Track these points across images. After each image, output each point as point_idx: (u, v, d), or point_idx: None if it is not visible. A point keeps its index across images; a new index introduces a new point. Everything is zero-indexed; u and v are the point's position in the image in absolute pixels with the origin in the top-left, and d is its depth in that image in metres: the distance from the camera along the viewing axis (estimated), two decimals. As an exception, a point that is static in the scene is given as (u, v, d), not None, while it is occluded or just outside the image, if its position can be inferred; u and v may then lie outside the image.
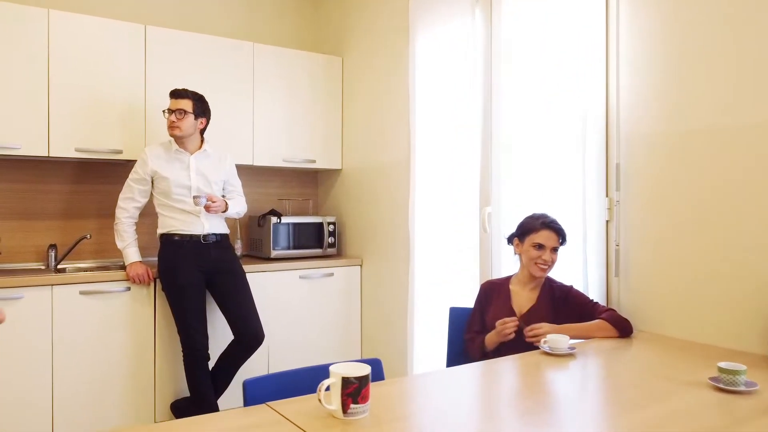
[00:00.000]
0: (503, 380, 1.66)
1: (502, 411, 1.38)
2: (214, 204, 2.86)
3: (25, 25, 2.88)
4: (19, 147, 2.88)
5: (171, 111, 2.89)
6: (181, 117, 2.88)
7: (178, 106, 2.89)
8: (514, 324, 2.06)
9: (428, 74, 3.07)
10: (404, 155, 3.29)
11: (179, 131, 2.89)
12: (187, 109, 2.89)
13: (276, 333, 3.36)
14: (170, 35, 3.28)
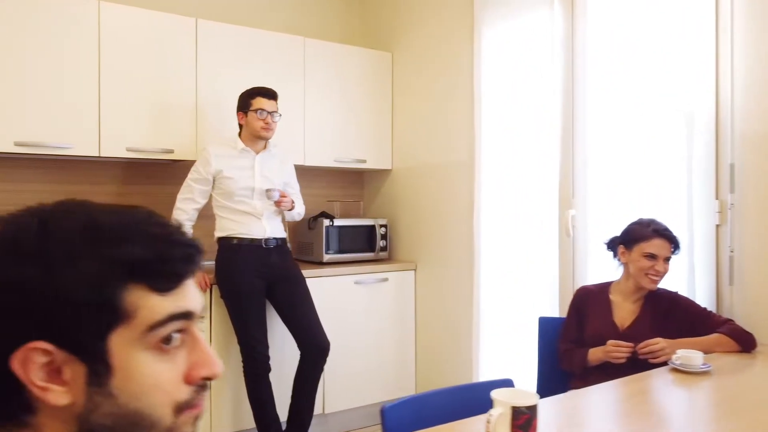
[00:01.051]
0: (650, 401, 1.51)
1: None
2: (285, 199, 2.73)
3: (75, 17, 2.73)
4: (71, 146, 2.73)
5: (267, 112, 2.74)
6: (275, 119, 2.76)
7: (274, 108, 2.76)
8: (628, 351, 1.91)
9: (497, 70, 2.92)
10: (466, 155, 3.14)
11: (272, 133, 2.76)
12: (279, 110, 2.77)
13: (333, 341, 3.20)
14: (221, 29, 3.13)
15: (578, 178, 2.53)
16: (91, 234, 0.57)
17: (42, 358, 0.54)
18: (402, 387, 3.48)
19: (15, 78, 2.59)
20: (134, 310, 0.56)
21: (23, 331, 0.53)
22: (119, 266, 0.56)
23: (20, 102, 2.60)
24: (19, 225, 0.57)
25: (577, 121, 2.53)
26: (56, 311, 0.54)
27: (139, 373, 0.56)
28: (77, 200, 0.62)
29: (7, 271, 0.54)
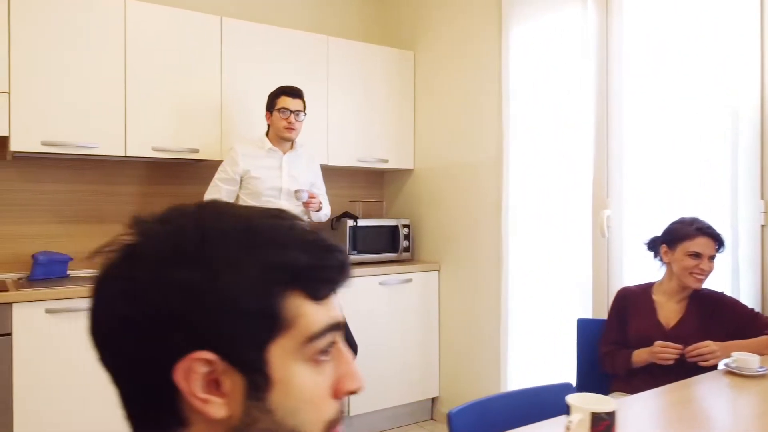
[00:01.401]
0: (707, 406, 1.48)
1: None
2: (314, 200, 2.69)
3: (102, 16, 2.70)
4: (96, 146, 2.70)
5: (291, 111, 2.71)
6: (299, 118, 2.72)
7: (298, 107, 2.73)
8: (677, 353, 1.87)
9: (526, 68, 2.89)
10: (493, 154, 3.10)
11: (296, 133, 2.73)
12: (303, 109, 2.74)
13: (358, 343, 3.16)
14: (246, 27, 3.09)
15: (613, 178, 2.49)
16: (250, 238, 0.53)
17: (203, 369, 0.50)
18: (426, 389, 3.45)
19: (42, 77, 2.56)
20: (294, 319, 0.53)
21: (186, 340, 0.50)
22: (281, 272, 0.52)
23: (47, 101, 2.57)
24: (174, 228, 0.54)
25: (612, 119, 2.49)
26: (219, 318, 0.50)
27: (296, 387, 0.53)
28: (218, 202, 0.59)
29: (171, 275, 0.51)
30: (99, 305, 0.54)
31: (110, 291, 0.53)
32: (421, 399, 3.46)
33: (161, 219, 0.55)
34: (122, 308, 0.51)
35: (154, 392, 0.52)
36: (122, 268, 0.53)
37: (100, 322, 0.54)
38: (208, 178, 3.26)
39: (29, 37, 2.53)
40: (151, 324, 0.50)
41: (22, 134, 2.53)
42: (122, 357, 0.52)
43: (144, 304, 0.50)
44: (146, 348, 0.51)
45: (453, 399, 3.42)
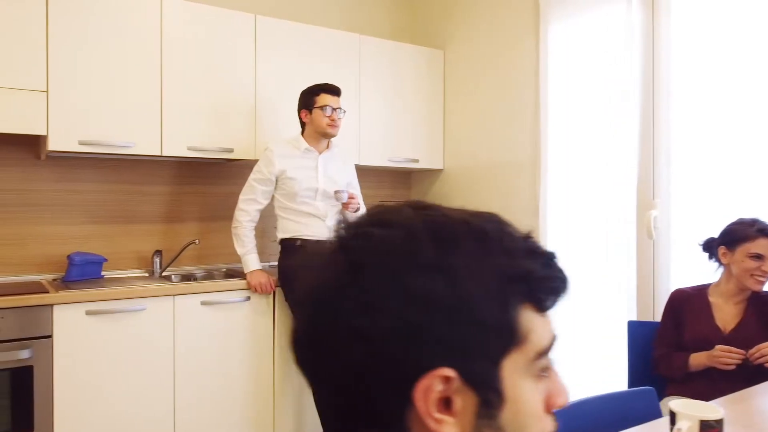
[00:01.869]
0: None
1: None
2: (353, 201, 2.66)
3: (138, 14, 2.66)
4: (133, 145, 2.66)
5: (333, 108, 2.67)
6: (340, 115, 2.70)
7: (339, 104, 2.71)
8: (739, 358, 1.84)
9: (565, 67, 2.85)
10: (529, 154, 3.07)
11: (338, 130, 2.70)
12: (344, 107, 2.71)
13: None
14: (279, 26, 3.06)
15: (660, 178, 2.45)
16: (483, 244, 0.49)
17: (440, 387, 0.46)
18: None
19: (79, 76, 2.53)
20: (527, 333, 0.49)
21: (427, 354, 0.46)
22: (518, 283, 0.49)
23: (84, 100, 2.54)
24: (402, 233, 0.49)
25: (659, 119, 2.46)
26: (461, 331, 0.46)
27: (525, 404, 0.49)
28: (426, 202, 0.55)
29: (410, 285, 0.46)
30: (320, 316, 0.50)
31: (336, 301, 0.48)
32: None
33: (380, 222, 0.51)
34: (354, 320, 0.47)
35: (378, 407, 0.48)
36: (350, 276, 0.48)
37: (322, 333, 0.49)
38: (238, 177, 3.24)
39: (67, 36, 2.50)
40: (388, 337, 0.46)
41: (59, 133, 2.50)
42: (347, 370, 0.48)
43: (380, 316, 0.46)
44: (380, 362, 0.46)
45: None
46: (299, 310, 0.53)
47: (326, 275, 0.50)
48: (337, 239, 0.52)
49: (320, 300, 0.49)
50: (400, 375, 0.46)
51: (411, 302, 0.46)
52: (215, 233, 3.20)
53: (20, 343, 2.23)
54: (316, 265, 0.53)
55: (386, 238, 0.49)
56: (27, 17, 2.42)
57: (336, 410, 0.50)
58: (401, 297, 0.46)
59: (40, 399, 2.26)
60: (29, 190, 2.76)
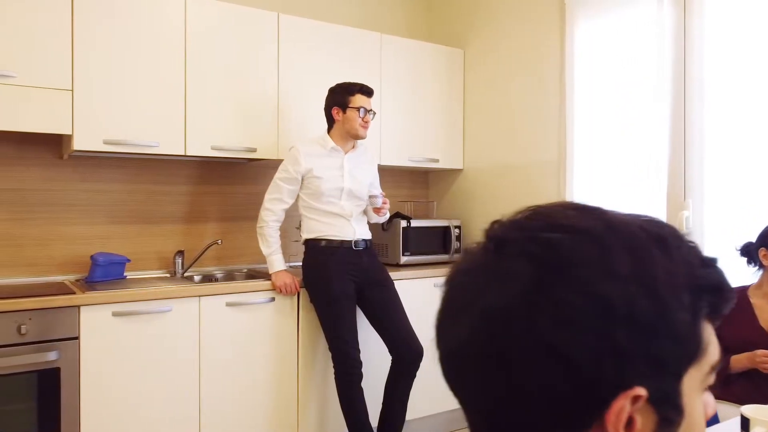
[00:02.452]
0: None
1: None
2: (386, 206, 2.65)
3: (163, 14, 2.64)
4: (157, 145, 2.64)
5: (366, 110, 2.65)
6: (371, 117, 2.68)
7: (371, 106, 2.68)
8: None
9: (593, 66, 2.82)
10: (554, 154, 3.04)
11: (367, 132, 2.67)
12: (377, 119, 2.69)
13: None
14: (302, 24, 3.03)
15: (692, 178, 2.42)
16: (667, 253, 0.46)
17: (629, 407, 0.43)
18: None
19: (103, 75, 2.50)
20: (707, 345, 0.46)
21: (629, 373, 0.43)
22: (705, 293, 0.46)
23: (108, 100, 2.51)
24: (589, 239, 0.46)
25: (692, 119, 2.43)
26: (660, 347, 0.44)
27: (696, 419, 0.47)
28: (578, 203, 0.52)
29: (613, 295, 0.43)
30: (500, 329, 0.46)
31: (524, 314, 0.44)
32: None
33: (558, 227, 0.47)
34: (550, 336, 0.43)
35: (557, 427, 0.44)
36: (538, 287, 0.45)
37: (501, 347, 0.45)
38: (258, 177, 3.22)
39: (92, 35, 2.48)
40: (590, 355, 0.43)
41: (84, 133, 2.47)
42: (527, 386, 0.44)
43: (581, 332, 0.43)
44: (575, 381, 0.43)
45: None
46: (455, 319, 0.49)
47: (505, 284, 0.46)
48: (512, 244, 0.48)
49: (500, 311, 0.45)
50: (594, 395, 0.43)
51: (612, 317, 0.43)
52: (236, 233, 3.17)
53: (47, 344, 2.20)
54: (477, 271, 0.49)
55: (575, 245, 0.46)
56: (53, 16, 2.39)
57: (502, 427, 0.47)
58: (601, 311, 0.43)
59: (66, 401, 2.24)
60: (52, 189, 2.73)
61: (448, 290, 0.53)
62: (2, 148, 2.63)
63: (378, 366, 2.77)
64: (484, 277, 0.48)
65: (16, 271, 2.66)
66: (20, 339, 2.16)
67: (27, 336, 2.17)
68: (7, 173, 2.64)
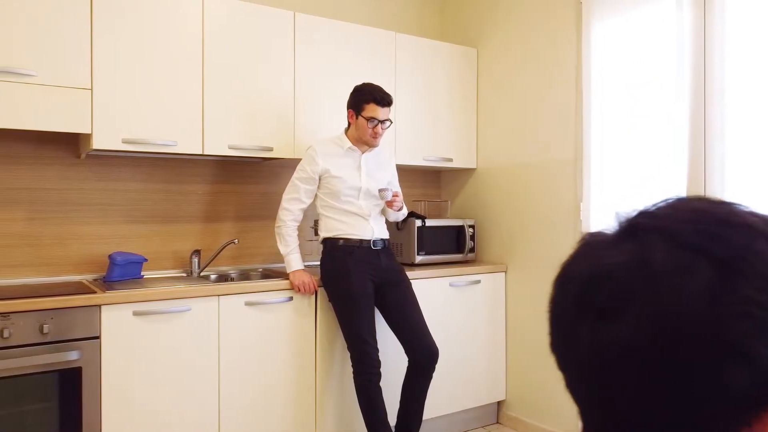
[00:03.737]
0: None
1: None
2: (397, 198, 2.65)
3: (180, 13, 2.63)
4: (174, 144, 2.63)
5: (379, 121, 2.64)
6: (385, 126, 2.67)
7: (386, 116, 2.67)
8: None
9: (610, 66, 2.81)
10: (570, 154, 3.04)
11: (379, 141, 2.69)
12: (389, 117, 2.68)
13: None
14: (317, 23, 3.03)
15: (713, 181, 2.42)
16: None
17: None
18: (492, 392, 3.38)
19: (122, 75, 2.50)
20: None
21: None
22: None
23: (127, 99, 2.51)
24: (753, 231, 0.45)
25: (711, 120, 2.42)
26: None
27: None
28: (703, 196, 0.50)
29: None
30: (669, 327, 0.43)
31: (709, 315, 0.43)
32: (488, 402, 3.39)
33: (720, 221, 0.46)
34: (741, 339, 0.42)
35: (713, 425, 0.43)
36: (722, 285, 0.43)
37: (676, 348, 0.43)
38: (272, 177, 3.23)
39: (110, 34, 2.47)
40: None
41: (103, 132, 2.47)
42: (695, 387, 0.43)
43: (765, 330, 0.42)
44: (759, 386, 0.42)
45: (519, 403, 3.36)
46: (604, 321, 0.46)
47: (683, 283, 0.44)
48: (680, 239, 0.45)
49: (679, 312, 0.43)
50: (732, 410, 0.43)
51: None
52: (250, 233, 3.17)
53: (69, 344, 2.20)
54: (635, 268, 0.46)
55: (753, 243, 0.44)
56: (72, 15, 2.39)
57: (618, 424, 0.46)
58: None
59: (88, 401, 2.23)
60: (69, 189, 2.73)
61: (578, 288, 0.49)
62: (21, 148, 2.62)
63: (395, 365, 2.76)
64: (649, 274, 0.45)
65: (33, 270, 2.65)
66: (42, 338, 2.15)
67: (49, 335, 2.16)
68: (26, 172, 2.64)
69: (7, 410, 2.11)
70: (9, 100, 2.26)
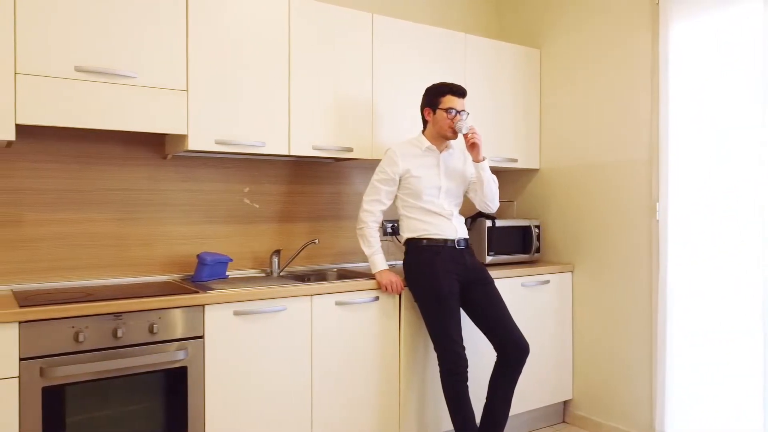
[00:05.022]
0: None
1: None
2: (476, 134, 2.63)
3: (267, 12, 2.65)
4: (263, 145, 2.65)
5: (457, 111, 2.65)
6: (463, 117, 2.68)
7: (463, 106, 2.69)
8: None
9: (690, 66, 2.83)
10: (643, 153, 3.05)
11: (458, 135, 2.70)
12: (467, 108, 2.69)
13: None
14: (394, 24, 3.04)
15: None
16: None
17: None
18: (559, 391, 3.40)
19: (214, 77, 2.51)
20: None
21: None
22: None
23: (218, 100, 2.52)
24: None
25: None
26: None
27: None
28: None
29: None
30: None
31: None
32: (554, 402, 3.40)
33: None
34: None
35: None
36: None
37: None
38: (342, 177, 3.28)
39: (203, 37, 2.49)
40: None
41: (198, 133, 2.48)
42: None
43: None
44: None
45: (587, 402, 3.38)
46: None
47: None
48: None
49: None
50: None
51: None
52: (321, 233, 3.19)
53: (176, 343, 2.22)
54: None
55: None
56: (169, 18, 2.40)
57: None
58: None
59: (193, 400, 2.25)
60: (155, 189, 2.75)
61: None
62: (109, 148, 2.64)
63: (476, 365, 2.78)
64: None
65: (121, 271, 2.67)
66: (152, 338, 2.17)
67: (158, 335, 2.18)
68: (116, 173, 2.66)
69: (115, 409, 2.13)
70: (114, 101, 2.28)
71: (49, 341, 1.99)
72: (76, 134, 2.55)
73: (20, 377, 1.95)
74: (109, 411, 2.12)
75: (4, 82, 2.10)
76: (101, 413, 2.10)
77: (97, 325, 2.07)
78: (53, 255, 2.53)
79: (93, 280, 2.60)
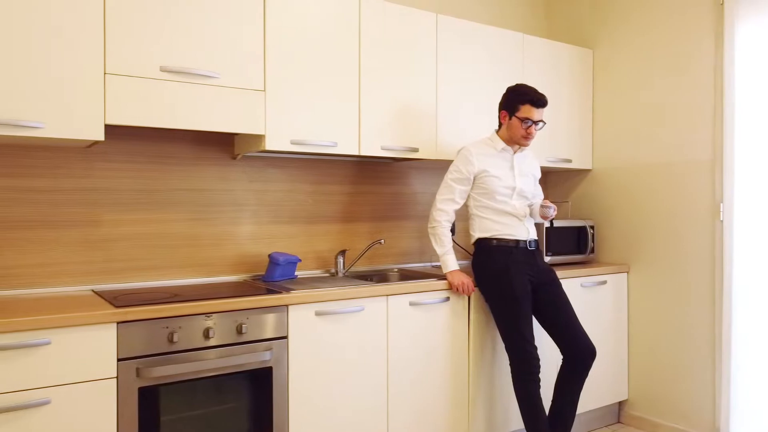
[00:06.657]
0: None
1: None
2: (555, 212, 2.70)
3: (339, 13, 2.65)
4: (334, 145, 2.65)
5: (533, 122, 2.65)
6: (538, 127, 2.68)
7: (540, 117, 2.68)
8: None
9: (757, 67, 2.82)
10: (706, 153, 3.05)
11: (531, 142, 2.71)
12: (543, 119, 2.69)
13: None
14: (455, 24, 3.03)
15: None
16: None
17: None
18: (615, 392, 3.40)
19: (289, 78, 2.51)
20: None
21: None
22: None
23: (293, 101, 2.52)
24: None
25: None
26: None
27: None
28: None
29: None
30: None
31: None
32: (610, 402, 3.40)
33: None
34: None
35: None
36: None
37: None
38: (403, 177, 3.28)
39: (279, 37, 2.49)
40: None
41: (275, 133, 2.48)
42: None
43: None
44: None
45: (643, 402, 3.37)
46: None
47: None
48: None
49: None
50: None
51: None
52: (382, 233, 3.19)
53: (262, 344, 2.21)
54: None
55: None
56: (248, 18, 2.40)
57: None
58: None
59: (278, 400, 2.25)
60: (225, 190, 2.75)
61: None
62: (180, 149, 2.64)
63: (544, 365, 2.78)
64: None
65: (192, 271, 2.67)
66: (240, 338, 2.17)
67: (246, 335, 2.18)
68: (188, 174, 2.66)
69: (203, 410, 2.13)
70: (197, 101, 2.28)
71: (145, 342, 1.99)
72: (149, 134, 2.56)
73: (118, 378, 1.95)
74: (199, 411, 2.12)
75: (94, 82, 2.10)
76: (191, 413, 2.10)
77: (189, 326, 2.07)
78: (129, 255, 2.53)
79: (168, 281, 2.60)
